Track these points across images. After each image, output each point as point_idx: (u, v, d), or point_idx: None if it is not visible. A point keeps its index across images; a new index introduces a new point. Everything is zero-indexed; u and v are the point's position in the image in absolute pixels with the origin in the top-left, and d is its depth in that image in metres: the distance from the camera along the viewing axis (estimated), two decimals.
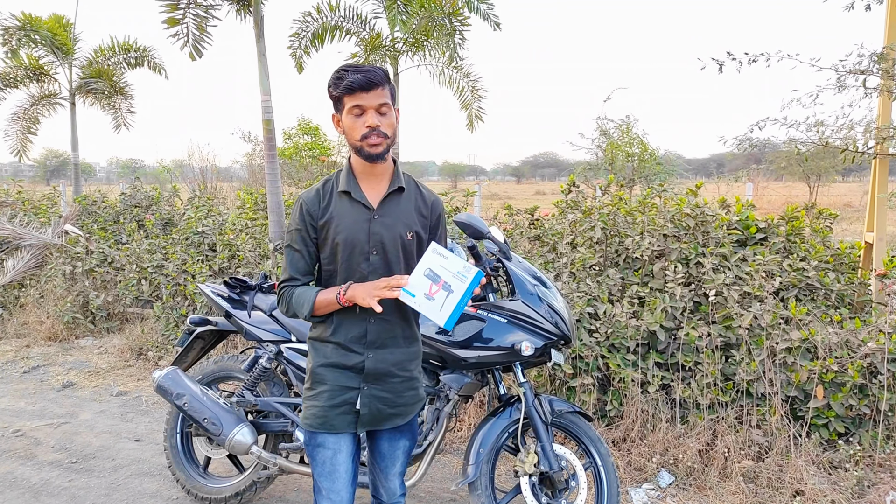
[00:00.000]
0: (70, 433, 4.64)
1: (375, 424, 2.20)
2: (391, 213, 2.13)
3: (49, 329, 7.05)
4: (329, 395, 2.14)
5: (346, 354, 2.13)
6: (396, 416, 2.22)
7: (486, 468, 2.96)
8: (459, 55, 10.58)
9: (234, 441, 3.17)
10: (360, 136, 2.02)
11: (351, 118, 2.03)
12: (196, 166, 15.52)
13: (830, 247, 4.76)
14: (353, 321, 2.12)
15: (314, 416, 2.15)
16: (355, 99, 2.00)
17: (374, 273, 2.10)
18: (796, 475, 3.57)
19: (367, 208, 2.11)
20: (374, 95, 2.00)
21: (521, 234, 5.62)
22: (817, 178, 22.51)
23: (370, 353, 2.13)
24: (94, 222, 8.76)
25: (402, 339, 2.19)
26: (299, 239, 2.14)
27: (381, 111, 2.02)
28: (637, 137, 13.27)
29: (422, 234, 2.19)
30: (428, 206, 2.24)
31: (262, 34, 7.32)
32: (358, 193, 2.11)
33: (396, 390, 2.19)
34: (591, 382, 4.14)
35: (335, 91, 2.03)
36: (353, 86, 1.98)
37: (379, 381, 2.16)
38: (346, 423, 2.15)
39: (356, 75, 1.98)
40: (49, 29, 11.84)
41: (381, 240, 2.10)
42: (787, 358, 3.86)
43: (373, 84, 1.98)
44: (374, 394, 2.15)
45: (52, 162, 49.10)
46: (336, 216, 2.10)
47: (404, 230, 2.13)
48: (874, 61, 4.25)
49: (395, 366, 2.18)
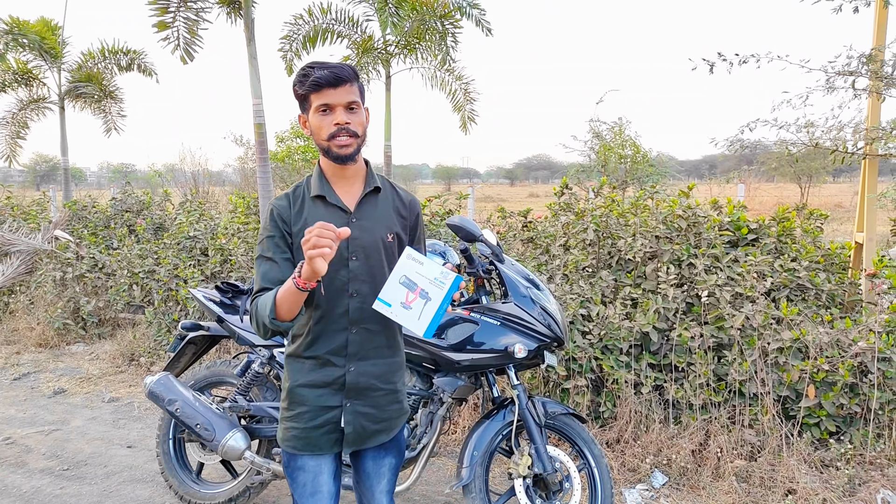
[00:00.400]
0: (61, 440, 4.61)
1: (361, 443, 2.07)
2: (369, 215, 2.03)
3: (39, 335, 7.01)
4: (310, 416, 2.00)
5: (326, 370, 1.99)
6: (381, 432, 2.09)
7: (481, 471, 2.96)
8: (452, 58, 10.61)
9: (227, 446, 3.16)
10: (328, 136, 1.90)
11: (318, 117, 1.91)
12: (188, 170, 15.49)
13: (821, 247, 4.79)
14: (332, 332, 1.98)
15: (295, 438, 2.02)
16: (322, 96, 1.88)
17: (355, 280, 1.97)
18: (788, 474, 3.59)
19: (343, 212, 1.99)
20: (343, 92, 1.88)
21: (514, 237, 5.63)
22: (808, 178, 22.65)
23: (351, 365, 2.00)
24: (85, 227, 8.71)
25: (385, 348, 2.07)
26: (272, 246, 1.97)
27: (350, 108, 1.91)
28: (630, 139, 13.32)
29: (402, 235, 2.09)
30: (406, 206, 2.13)
31: (253, 37, 7.31)
32: (333, 197, 2.00)
33: (380, 404, 2.06)
34: (585, 384, 4.15)
35: (300, 89, 1.91)
36: (319, 82, 1.87)
37: (361, 396, 2.03)
38: (331, 443, 2.03)
39: (323, 71, 1.87)
40: (37, 32, 11.78)
41: (362, 244, 1.98)
42: (779, 358, 3.87)
43: (340, 80, 1.87)
44: (358, 409, 2.02)
45: (43, 167, 48.84)
46: (311, 222, 1.88)
47: (385, 232, 2.03)
48: (863, 63, 4.28)
49: (378, 378, 2.05)
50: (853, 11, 4.29)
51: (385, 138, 12.80)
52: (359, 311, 1.97)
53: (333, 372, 2.00)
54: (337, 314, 1.97)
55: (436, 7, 9.75)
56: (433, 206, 6.32)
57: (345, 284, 1.97)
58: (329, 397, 2.00)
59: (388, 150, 12.93)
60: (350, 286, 1.97)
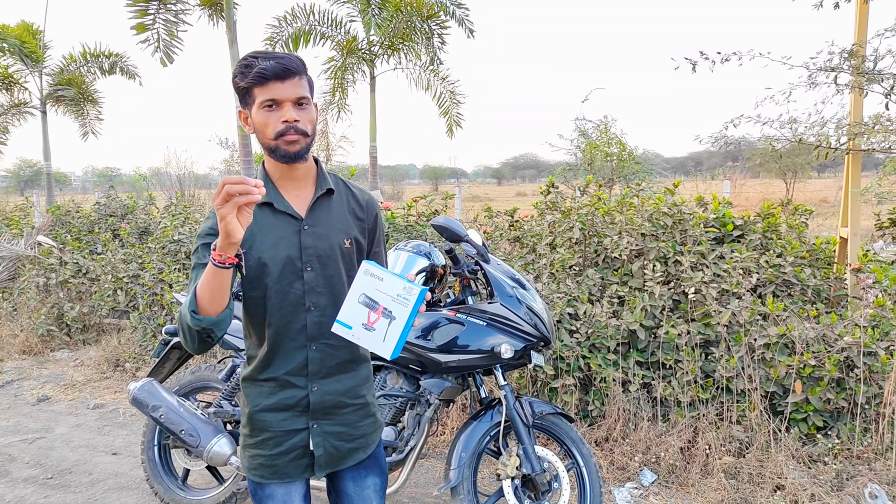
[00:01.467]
0: (45, 448, 4.56)
1: (335, 465, 1.90)
2: (323, 220, 1.84)
3: (23, 342, 6.93)
4: (275, 442, 1.84)
5: (287, 391, 1.83)
6: (357, 450, 1.93)
7: (469, 472, 2.94)
8: (439, 59, 10.59)
9: (213, 452, 3.12)
10: (275, 134, 1.69)
11: (263, 113, 1.70)
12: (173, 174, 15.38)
13: (806, 242, 4.81)
14: (289, 350, 1.82)
15: (261, 467, 1.85)
16: (268, 90, 1.68)
17: (311, 292, 1.80)
18: (776, 470, 3.60)
19: (294, 219, 1.81)
20: (291, 86, 1.69)
21: (500, 236, 5.62)
22: (793, 174, 22.80)
23: (314, 384, 1.83)
24: (69, 233, 8.63)
25: (349, 363, 1.90)
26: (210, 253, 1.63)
27: (300, 104, 1.72)
28: (615, 137, 13.34)
29: (360, 239, 1.91)
30: (363, 206, 1.95)
31: (235, 39, 7.27)
32: (281, 203, 1.81)
33: (350, 421, 1.90)
34: (573, 383, 4.14)
35: (242, 81, 1.70)
36: (264, 74, 1.66)
37: (329, 415, 1.86)
38: (301, 468, 1.87)
39: (268, 62, 1.67)
40: (17, 37, 11.69)
41: (316, 253, 1.80)
42: (766, 354, 3.88)
43: (289, 72, 1.68)
44: (327, 430, 1.86)
45: (26, 171, 48.48)
46: (258, 232, 1.77)
47: (341, 238, 1.85)
48: (844, 58, 4.30)
49: (345, 395, 1.89)
50: (834, 7, 4.31)
51: (371, 139, 12.78)
52: (317, 325, 1.80)
53: (295, 393, 1.83)
54: (294, 330, 1.81)
55: (421, 7, 9.73)
56: (419, 206, 6.30)
57: (300, 298, 1.80)
58: (293, 420, 1.84)
59: (373, 150, 12.92)
60: (307, 299, 1.80)
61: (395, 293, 1.65)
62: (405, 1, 9.49)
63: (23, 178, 48.29)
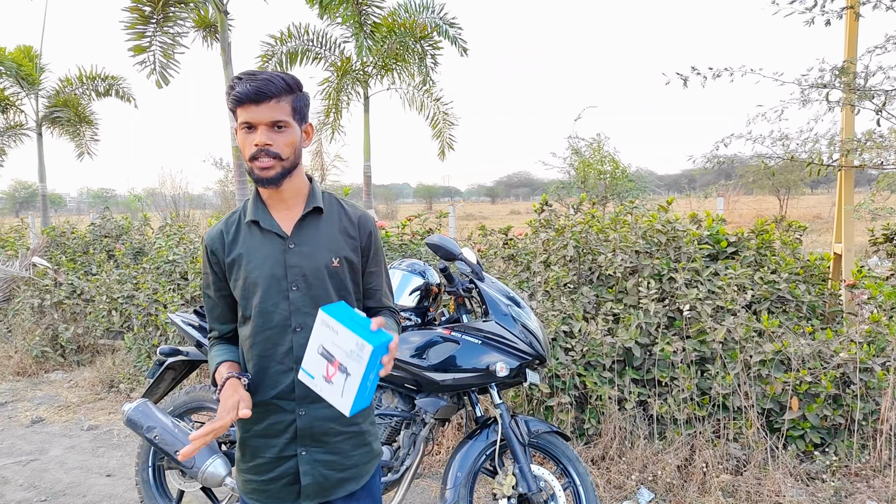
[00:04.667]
0: (39, 470, 4.52)
1: (324, 495, 1.84)
2: (310, 239, 1.81)
3: (17, 364, 6.89)
4: (266, 468, 1.82)
5: (275, 416, 1.80)
6: (349, 480, 1.87)
7: (465, 492, 2.92)
8: (432, 79, 10.64)
9: (208, 473, 3.09)
10: (249, 156, 1.69)
11: (242, 135, 1.71)
12: (168, 194, 15.40)
13: (800, 259, 4.82)
14: (276, 374, 1.80)
15: (255, 491, 1.85)
16: (245, 113, 1.68)
17: (297, 313, 1.78)
18: (774, 487, 3.58)
19: (280, 237, 1.80)
20: (266, 109, 1.67)
21: (495, 255, 5.62)
22: (786, 191, 22.91)
23: (302, 409, 1.79)
24: (63, 254, 8.61)
25: None
26: (212, 283, 1.85)
27: (278, 127, 1.70)
28: (609, 155, 13.39)
29: (353, 258, 1.87)
30: (354, 224, 1.90)
31: (230, 61, 7.31)
32: (268, 222, 1.80)
33: (342, 450, 1.84)
34: (569, 401, 4.13)
35: (228, 102, 1.72)
36: (240, 98, 1.67)
37: (319, 443, 1.82)
38: (294, 494, 1.83)
39: (245, 86, 1.66)
40: (14, 60, 11.75)
41: (302, 272, 1.78)
42: (762, 370, 3.88)
43: (263, 95, 1.66)
44: (317, 458, 1.81)
45: (21, 193, 48.45)
46: (245, 251, 1.79)
47: (328, 257, 1.81)
48: (835, 75, 4.34)
49: (336, 421, 1.82)
50: (825, 24, 4.35)
51: (365, 158, 12.82)
52: (303, 347, 1.68)
53: (283, 418, 1.81)
54: (280, 353, 1.79)
55: (414, 28, 9.80)
56: (413, 225, 6.31)
57: (286, 319, 1.78)
58: (284, 447, 1.82)
59: (367, 170, 12.95)
60: (293, 319, 1.78)
61: (349, 349, 1.53)
62: (398, 22, 9.55)
63: (18, 199, 48.25)
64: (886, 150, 4.42)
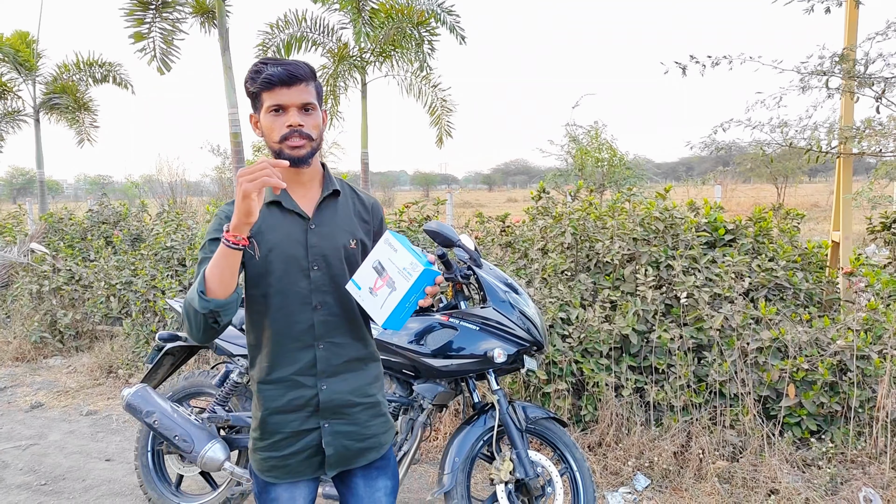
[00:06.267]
0: (39, 455, 4.53)
1: (346, 464, 1.92)
2: (329, 221, 1.89)
3: (16, 349, 6.90)
4: (287, 443, 1.87)
5: (297, 391, 1.85)
6: (369, 450, 1.95)
7: (462, 477, 2.94)
8: (429, 65, 10.59)
9: (207, 457, 3.11)
10: (280, 138, 1.76)
11: (270, 117, 1.77)
12: (165, 181, 15.36)
13: (798, 246, 4.83)
14: (297, 350, 1.85)
15: (273, 468, 1.88)
16: (274, 96, 1.75)
17: (317, 291, 1.84)
18: (770, 474, 3.60)
19: (301, 218, 1.86)
20: (297, 92, 1.76)
21: (492, 242, 5.62)
22: (784, 179, 22.89)
23: (323, 383, 1.86)
24: (61, 240, 8.59)
25: (356, 361, 1.93)
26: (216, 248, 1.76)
27: (305, 109, 1.79)
28: (606, 143, 13.37)
29: (366, 241, 1.95)
30: (368, 209, 2.01)
31: (228, 47, 7.27)
32: (289, 202, 1.86)
33: (361, 420, 1.93)
34: (566, 388, 4.15)
35: (252, 86, 1.77)
36: (271, 80, 1.74)
37: (339, 415, 1.89)
38: (313, 467, 1.90)
39: (276, 68, 1.74)
40: (11, 46, 11.68)
41: (322, 252, 1.85)
42: (759, 358, 3.89)
43: (295, 79, 1.75)
44: (338, 429, 1.89)
45: (19, 180, 48.32)
46: (266, 230, 1.82)
47: (346, 238, 1.90)
48: (835, 62, 4.32)
49: (354, 393, 1.91)
50: (825, 12, 4.33)
51: (362, 146, 12.77)
52: (324, 324, 1.84)
53: (304, 393, 1.86)
54: (301, 330, 1.84)
55: (412, 15, 9.74)
56: (411, 212, 6.31)
57: (307, 296, 1.84)
58: (305, 420, 1.87)
59: (365, 157, 12.91)
60: (313, 298, 1.84)
61: (402, 266, 1.69)
62: (396, 8, 9.49)
63: (15, 185, 48.12)
64: (885, 137, 4.42)
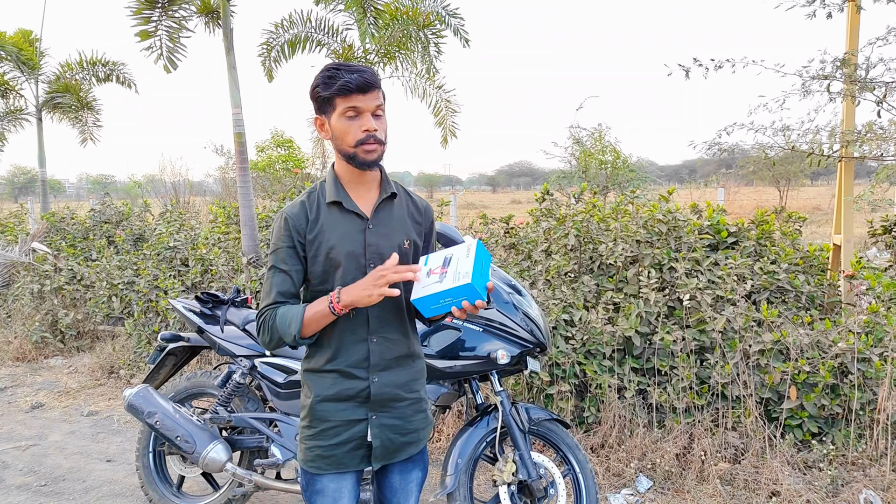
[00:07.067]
0: (39, 455, 4.54)
1: (389, 457, 1.99)
2: (386, 221, 1.97)
3: (17, 349, 6.90)
4: (334, 433, 1.93)
5: (349, 382, 1.93)
6: (409, 444, 2.02)
7: (465, 478, 2.94)
8: (436, 67, 10.56)
9: (208, 458, 3.12)
10: (356, 142, 1.84)
11: (344, 121, 1.84)
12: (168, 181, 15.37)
13: (800, 249, 4.83)
14: (352, 343, 1.92)
15: (320, 458, 1.94)
16: (350, 101, 1.82)
17: None
18: (772, 476, 3.60)
19: (360, 218, 1.94)
20: (371, 98, 1.83)
21: (496, 243, 5.63)
22: (787, 182, 22.88)
23: (375, 376, 1.93)
24: (63, 239, 8.61)
25: (406, 357, 2.00)
26: (287, 257, 1.92)
27: (377, 115, 1.87)
28: (610, 145, 13.37)
29: (418, 241, 2.04)
30: (421, 212, 2.09)
31: (232, 46, 7.27)
32: (349, 203, 1.94)
33: (405, 415, 2.00)
34: (569, 389, 4.15)
35: (325, 91, 1.84)
36: (349, 86, 1.80)
37: (386, 408, 1.96)
38: (357, 459, 1.96)
39: (352, 75, 1.80)
40: (14, 44, 11.67)
41: (379, 251, 1.92)
42: (761, 360, 3.89)
43: (370, 85, 1.82)
44: (384, 422, 1.96)
45: (21, 179, 48.36)
46: (327, 228, 1.91)
47: (401, 239, 1.97)
48: (837, 66, 4.33)
49: (402, 388, 1.99)
50: (826, 17, 4.34)
51: None
52: (378, 319, 1.92)
53: (357, 384, 1.93)
54: (356, 324, 1.92)
55: (418, 16, 9.73)
56: None
57: None
58: (353, 411, 1.94)
59: None
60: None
61: (460, 270, 1.78)
62: (401, 10, 9.48)
63: (17, 184, 48.14)
64: (886, 141, 4.42)
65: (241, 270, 6.25)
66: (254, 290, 5.86)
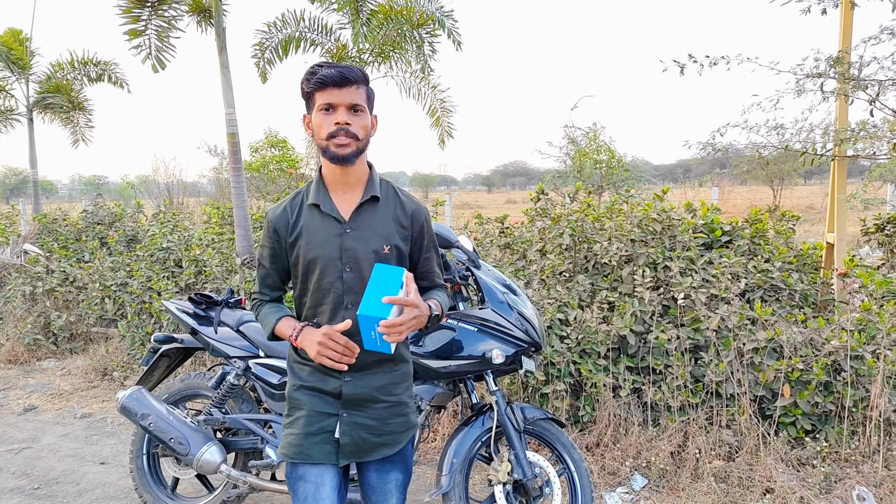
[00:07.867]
0: (32, 458, 4.51)
1: (359, 456, 2.00)
2: (365, 225, 1.96)
3: (9, 351, 6.86)
4: (305, 422, 1.97)
5: (324, 378, 1.97)
6: (384, 445, 2.02)
7: (460, 478, 2.94)
8: (430, 67, 10.55)
9: (203, 460, 3.10)
10: (327, 135, 1.85)
11: (320, 115, 1.87)
12: (161, 182, 15.31)
13: (793, 248, 4.84)
14: None
15: (290, 445, 1.98)
16: (326, 95, 1.85)
17: (349, 292, 1.94)
18: (766, 473, 3.61)
19: (337, 221, 1.94)
20: (347, 93, 1.85)
21: (491, 243, 5.63)
22: (780, 181, 22.94)
23: (348, 376, 1.96)
24: (55, 241, 8.57)
25: (387, 360, 2.01)
26: (268, 256, 2.05)
27: (354, 110, 1.87)
28: (604, 145, 13.38)
29: (402, 246, 2.01)
30: (407, 215, 2.05)
31: (225, 46, 7.25)
32: (328, 206, 1.95)
33: (381, 417, 2.00)
34: (564, 388, 4.15)
35: (306, 86, 1.88)
36: (324, 80, 1.83)
37: (360, 408, 1.98)
38: (325, 453, 1.97)
39: (329, 70, 1.84)
40: (4, 43, 11.63)
41: (355, 255, 1.93)
42: (754, 358, 3.91)
43: (346, 80, 1.84)
44: (356, 421, 1.97)
45: (12, 180, 48.14)
46: (306, 232, 1.95)
47: (380, 244, 1.96)
48: (830, 65, 4.35)
49: (379, 390, 1.99)
50: (821, 13, 4.36)
51: None
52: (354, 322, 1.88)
53: (330, 382, 1.97)
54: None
55: (412, 16, 9.71)
56: None
57: (340, 296, 1.95)
58: (326, 404, 1.98)
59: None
60: (345, 298, 1.95)
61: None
62: (395, 9, 9.47)
63: (8, 186, 47.94)
64: (879, 140, 4.44)
65: (235, 271, 6.23)
66: (248, 292, 5.84)
